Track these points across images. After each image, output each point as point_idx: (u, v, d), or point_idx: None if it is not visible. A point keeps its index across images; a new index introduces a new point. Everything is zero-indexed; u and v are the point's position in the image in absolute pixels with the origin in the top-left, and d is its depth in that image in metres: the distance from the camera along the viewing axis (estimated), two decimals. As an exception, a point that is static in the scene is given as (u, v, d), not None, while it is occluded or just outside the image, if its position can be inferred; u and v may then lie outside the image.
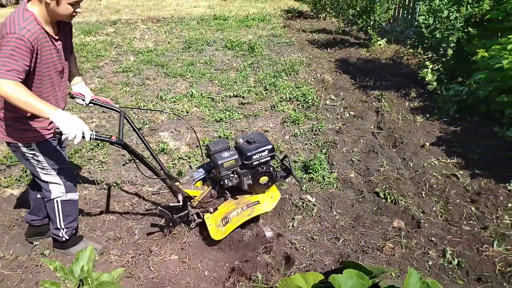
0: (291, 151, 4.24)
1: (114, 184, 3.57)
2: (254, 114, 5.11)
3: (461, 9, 5.03)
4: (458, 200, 3.24)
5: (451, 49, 5.18)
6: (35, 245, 2.83)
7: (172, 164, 3.93)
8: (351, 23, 8.23)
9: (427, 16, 5.24)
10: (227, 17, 12.10)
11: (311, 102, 5.39)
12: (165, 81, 6.45)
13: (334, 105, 5.36)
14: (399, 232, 2.87)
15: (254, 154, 2.68)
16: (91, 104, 2.66)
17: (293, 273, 2.48)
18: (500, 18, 4.84)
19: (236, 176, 2.73)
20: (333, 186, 3.51)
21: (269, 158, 2.75)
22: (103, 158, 4.04)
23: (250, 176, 2.74)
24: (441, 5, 5.09)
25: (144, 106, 5.39)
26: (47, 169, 2.39)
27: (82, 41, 9.23)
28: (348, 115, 5.07)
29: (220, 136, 4.50)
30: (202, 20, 11.77)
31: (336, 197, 3.33)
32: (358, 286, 1.99)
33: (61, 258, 2.73)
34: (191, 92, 5.84)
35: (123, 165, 3.93)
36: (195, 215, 2.78)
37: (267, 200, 2.84)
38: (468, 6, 5.06)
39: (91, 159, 4.02)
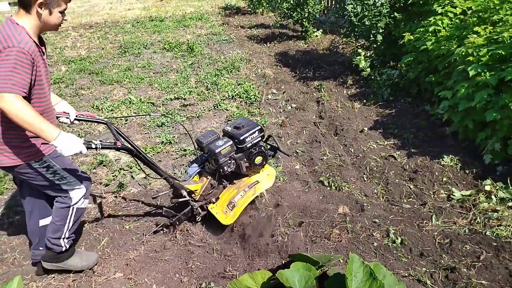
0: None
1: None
2: (197, 115, 5.02)
3: (386, -4, 5.23)
4: (397, 180, 3.37)
5: (380, 35, 5.38)
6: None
7: (113, 176, 3.75)
8: (287, 16, 8.32)
9: (355, 5, 5.39)
10: (163, 18, 11.82)
11: (254, 98, 5.38)
12: (100, 89, 6.17)
13: (276, 99, 5.39)
14: (345, 218, 2.93)
15: (247, 137, 2.81)
16: (76, 121, 2.61)
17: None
18: (421, 2, 5.10)
19: (233, 161, 2.82)
20: (279, 180, 3.52)
21: (259, 138, 2.90)
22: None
23: (245, 159, 2.87)
24: (367, -7, 5.26)
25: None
26: (65, 177, 2.30)
27: (7, 54, 8.61)
28: (290, 107, 5.11)
29: (162, 142, 4.37)
30: (138, 22, 11.41)
31: (283, 190, 3.34)
32: (305, 278, 2.00)
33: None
34: (130, 98, 5.63)
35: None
36: (199, 208, 2.86)
37: (265, 178, 3.00)
38: (392, -8, 5.27)
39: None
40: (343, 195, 3.23)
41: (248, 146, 2.82)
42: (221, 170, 2.79)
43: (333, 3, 9.23)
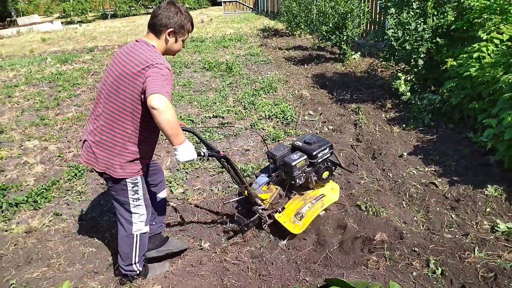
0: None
1: (92, 216, 3.49)
2: (235, 133, 5.12)
3: (427, 21, 5.20)
4: (438, 208, 3.27)
5: (422, 60, 5.33)
6: (11, 284, 2.72)
7: (153, 190, 3.87)
8: (325, 39, 8.40)
9: (396, 29, 5.39)
10: (204, 39, 12.23)
11: (290, 118, 5.43)
12: (143, 106, 6.42)
13: (312, 120, 5.42)
14: (383, 245, 2.87)
15: (319, 153, 3.00)
16: None
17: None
18: (464, 28, 5.03)
19: (304, 174, 2.97)
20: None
21: (329, 154, 3.08)
22: (82, 188, 3.96)
23: (314, 173, 3.05)
24: (408, 18, 5.25)
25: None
26: (139, 200, 2.41)
27: (59, 70, 9.17)
28: (327, 129, 5.12)
29: (200, 158, 4.48)
30: (179, 42, 11.85)
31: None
32: (343, 304, 1.98)
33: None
34: (170, 115, 5.82)
35: (103, 194, 3.86)
36: (266, 216, 2.98)
37: (330, 192, 3.16)
38: (434, 18, 5.23)
39: (69, 190, 3.93)
40: (381, 221, 3.17)
41: (319, 161, 3.01)
42: (293, 182, 2.96)
43: (373, 27, 9.23)
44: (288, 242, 2.99)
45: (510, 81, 3.55)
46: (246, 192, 2.95)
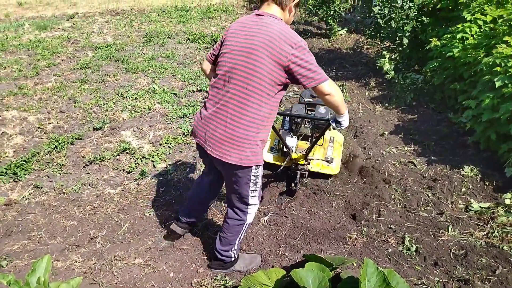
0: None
1: (73, 189, 3.47)
2: (218, 108, 5.08)
3: (414, -1, 5.17)
4: (415, 187, 3.37)
5: (407, 38, 5.34)
6: None
7: (135, 164, 3.85)
8: (312, 13, 8.29)
9: (382, 6, 5.35)
10: (188, 9, 11.89)
11: (275, 94, 5.40)
12: (125, 77, 6.29)
13: (296, 96, 5.41)
14: (361, 222, 2.96)
15: None
16: None
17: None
18: (449, 7, 5.03)
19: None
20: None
21: None
22: (62, 161, 3.90)
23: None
24: (396, -4, 5.21)
25: (104, 104, 5.23)
26: (256, 191, 2.29)
27: (37, 37, 8.83)
28: (311, 106, 5.13)
29: (184, 133, 4.45)
30: (163, 12, 11.52)
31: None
32: (319, 279, 2.05)
33: (15, 270, 2.64)
34: (153, 88, 5.73)
35: (83, 167, 3.82)
36: (299, 175, 3.17)
37: (335, 133, 3.69)
38: (421, -4, 5.20)
39: (49, 163, 3.87)
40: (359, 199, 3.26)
41: None
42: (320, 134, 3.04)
43: (360, 2, 9.14)
44: (269, 218, 3.05)
45: (490, 63, 3.60)
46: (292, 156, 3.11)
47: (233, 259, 2.54)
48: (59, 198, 3.34)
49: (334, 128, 2.41)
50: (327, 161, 3.33)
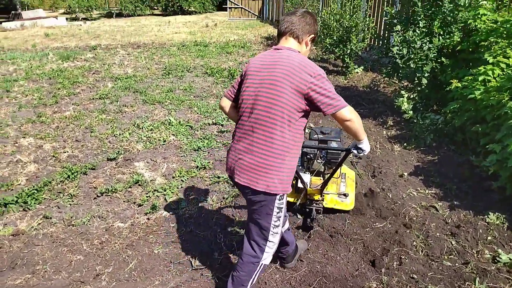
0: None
1: (82, 221, 3.39)
2: (233, 143, 5.03)
3: (433, 40, 5.16)
4: (438, 234, 3.19)
5: (426, 79, 5.28)
6: None
7: (147, 197, 3.78)
8: (329, 51, 8.37)
9: (401, 47, 5.35)
10: (207, 44, 12.20)
11: (290, 130, 5.35)
12: (143, 108, 6.35)
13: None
14: (380, 269, 2.79)
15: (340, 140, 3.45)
16: None
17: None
18: (470, 49, 4.99)
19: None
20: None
21: None
22: (73, 191, 3.86)
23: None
24: (414, 36, 5.21)
25: (120, 134, 5.25)
26: (277, 228, 2.24)
27: (59, 66, 9.10)
28: (327, 144, 5.04)
29: (197, 166, 4.39)
30: (183, 46, 11.82)
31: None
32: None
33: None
34: (169, 119, 5.75)
35: (94, 198, 3.76)
36: (315, 211, 3.21)
37: (346, 169, 3.76)
38: (440, 37, 5.19)
39: (60, 193, 3.83)
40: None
41: None
42: (333, 168, 3.11)
43: (377, 42, 9.22)
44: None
45: (516, 107, 3.49)
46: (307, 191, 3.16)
47: None
48: (67, 230, 3.26)
49: (355, 156, 2.51)
50: (344, 195, 3.33)
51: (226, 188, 3.95)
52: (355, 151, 2.36)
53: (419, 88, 5.46)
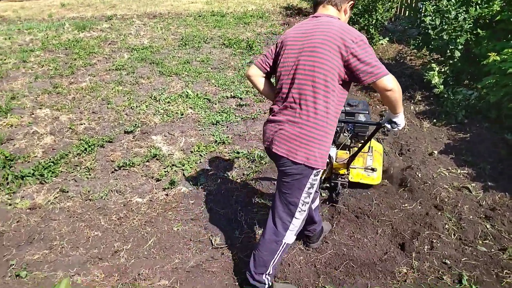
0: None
1: (100, 196, 3.31)
2: (253, 116, 4.86)
3: (469, 10, 4.78)
4: (471, 217, 3.00)
5: (459, 51, 4.94)
6: (11, 265, 2.56)
7: (165, 171, 3.67)
8: (353, 21, 7.96)
9: (434, 17, 4.99)
10: (225, 14, 11.82)
11: (312, 104, 5.13)
12: (159, 80, 6.18)
13: (336, 108, 5.11)
14: (411, 253, 2.64)
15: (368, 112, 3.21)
16: None
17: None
18: (511, 19, 4.61)
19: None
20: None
21: None
22: (91, 164, 3.77)
23: None
24: (449, 6, 4.84)
25: (137, 106, 5.12)
26: (307, 204, 2.14)
27: (76, 37, 8.95)
28: (351, 119, 4.82)
29: (216, 141, 4.25)
30: (200, 16, 11.49)
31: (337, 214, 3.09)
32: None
33: (33, 283, 2.47)
34: (187, 92, 5.58)
35: (112, 172, 3.67)
36: (340, 185, 3.14)
37: (374, 143, 3.61)
38: (477, 7, 4.81)
39: (77, 166, 3.75)
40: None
41: None
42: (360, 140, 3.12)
43: (404, 12, 8.74)
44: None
45: None
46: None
47: (266, 286, 2.28)
48: (84, 205, 3.19)
49: (388, 130, 2.32)
50: (372, 170, 3.22)
51: (246, 164, 3.80)
52: (388, 125, 2.21)
53: (451, 61, 5.12)
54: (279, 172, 2.12)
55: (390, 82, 1.86)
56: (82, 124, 4.65)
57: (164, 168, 3.74)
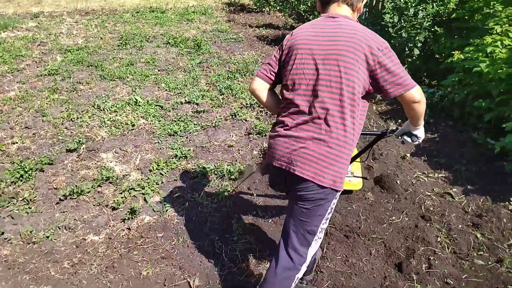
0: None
1: (45, 236, 2.74)
2: (213, 124, 4.45)
3: (427, 8, 4.76)
4: (460, 226, 2.89)
5: (418, 49, 4.92)
6: None
7: (122, 197, 3.16)
8: (303, 19, 7.80)
9: (393, 14, 4.91)
10: (164, 10, 11.16)
11: (274, 108, 4.84)
12: (101, 85, 5.53)
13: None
14: (409, 274, 2.44)
15: None
16: None
17: None
18: (465, 17, 4.65)
19: None
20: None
21: None
22: (29, 194, 3.15)
23: None
24: (407, 3, 4.79)
25: (78, 118, 4.48)
26: (323, 230, 1.91)
27: (-5, 37, 7.85)
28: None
29: (176, 155, 3.80)
30: (137, 12, 10.73)
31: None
32: None
33: None
34: (135, 99, 5.02)
35: (57, 203, 3.09)
36: None
37: None
38: (434, 4, 4.80)
39: (13, 198, 3.12)
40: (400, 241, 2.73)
41: None
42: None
43: (368, 10, 8.76)
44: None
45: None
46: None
47: None
48: (27, 250, 2.61)
49: (403, 143, 2.18)
50: (352, 174, 3.08)
51: (215, 182, 3.42)
52: (408, 139, 2.12)
53: (409, 60, 5.10)
54: (294, 198, 1.85)
55: (418, 94, 1.73)
56: (14, 143, 3.95)
57: (121, 193, 3.23)
